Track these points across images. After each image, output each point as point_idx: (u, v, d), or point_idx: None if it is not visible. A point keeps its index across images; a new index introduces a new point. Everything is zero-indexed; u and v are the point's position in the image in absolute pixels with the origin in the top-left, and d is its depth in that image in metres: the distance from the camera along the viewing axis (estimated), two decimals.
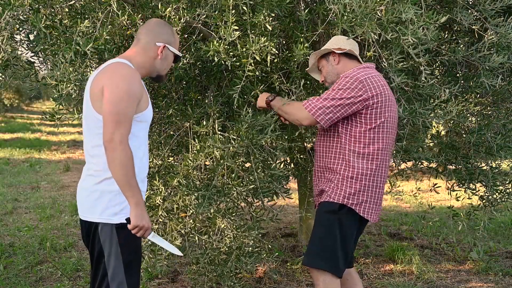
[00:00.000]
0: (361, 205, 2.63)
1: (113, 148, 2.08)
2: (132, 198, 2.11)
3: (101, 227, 2.19)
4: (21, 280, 3.93)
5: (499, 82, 3.06)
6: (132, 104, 2.14)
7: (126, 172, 2.08)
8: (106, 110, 2.11)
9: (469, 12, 2.94)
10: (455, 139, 3.74)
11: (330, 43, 2.76)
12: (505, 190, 3.70)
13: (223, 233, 3.21)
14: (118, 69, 2.18)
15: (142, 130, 2.27)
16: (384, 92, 2.59)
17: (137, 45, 2.31)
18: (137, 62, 2.29)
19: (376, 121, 2.58)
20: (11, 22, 2.76)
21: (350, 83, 2.55)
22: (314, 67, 2.86)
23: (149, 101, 2.28)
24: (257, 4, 2.68)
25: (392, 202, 7.29)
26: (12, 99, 20.89)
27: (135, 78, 2.17)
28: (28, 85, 3.22)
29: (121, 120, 2.10)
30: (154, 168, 3.30)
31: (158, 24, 2.35)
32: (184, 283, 3.90)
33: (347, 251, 2.67)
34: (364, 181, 2.61)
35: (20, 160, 10.36)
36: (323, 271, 2.64)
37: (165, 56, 2.33)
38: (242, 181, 2.88)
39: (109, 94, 2.11)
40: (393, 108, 2.66)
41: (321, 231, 2.67)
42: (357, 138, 2.60)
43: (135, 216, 2.12)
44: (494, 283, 4.03)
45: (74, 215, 5.96)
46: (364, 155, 2.60)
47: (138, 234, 2.15)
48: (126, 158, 2.08)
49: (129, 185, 2.10)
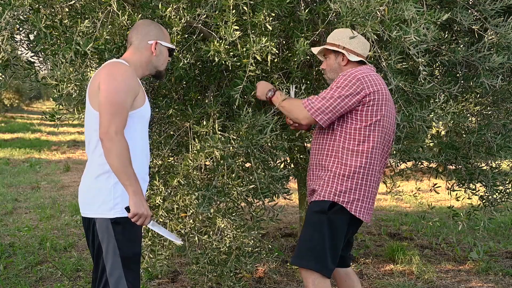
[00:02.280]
0: (353, 204, 2.61)
1: (109, 139, 2.11)
2: (130, 186, 2.13)
3: (98, 223, 2.22)
4: (21, 280, 3.93)
5: (499, 82, 3.06)
6: (128, 96, 2.18)
7: (123, 162, 2.11)
8: (102, 101, 2.16)
9: (469, 12, 2.93)
10: (455, 139, 3.74)
11: (347, 40, 2.67)
12: (505, 190, 3.70)
13: (223, 233, 3.21)
14: (114, 66, 2.25)
15: (141, 128, 2.29)
16: (381, 90, 2.60)
17: (131, 47, 2.38)
18: (134, 62, 2.34)
19: (371, 119, 2.58)
20: (11, 22, 2.76)
21: (348, 80, 2.57)
22: (321, 51, 2.80)
23: (146, 98, 2.32)
24: (257, 4, 2.68)
25: (392, 202, 7.29)
26: (12, 99, 20.89)
27: (131, 73, 2.24)
28: (28, 85, 3.22)
29: (117, 111, 2.14)
30: (154, 168, 3.30)
31: (144, 24, 2.42)
32: (184, 283, 3.90)
33: (337, 251, 2.65)
34: (356, 179, 2.60)
35: (20, 160, 10.36)
36: (312, 271, 2.62)
37: (159, 51, 2.40)
38: (242, 181, 2.88)
39: (106, 86, 2.17)
40: (390, 108, 2.66)
41: (310, 231, 2.66)
42: (351, 135, 2.60)
43: (134, 204, 2.13)
44: (494, 283, 4.03)
45: (74, 215, 5.96)
46: (358, 153, 2.59)
47: (138, 222, 2.17)
48: (122, 148, 2.12)
49: (127, 174, 2.12)
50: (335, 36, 2.71)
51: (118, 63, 2.28)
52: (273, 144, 2.96)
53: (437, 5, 3.06)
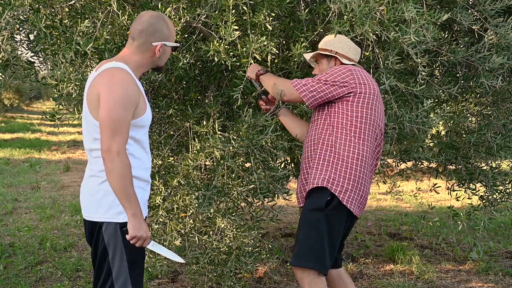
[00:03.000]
0: (345, 194, 2.58)
1: (110, 159, 2.07)
2: (129, 209, 2.11)
3: (105, 226, 2.20)
4: (21, 280, 3.93)
5: (499, 83, 3.07)
6: (128, 111, 2.12)
7: (124, 183, 2.08)
8: (102, 118, 2.10)
9: (469, 12, 2.94)
10: (455, 139, 3.74)
11: (339, 46, 2.73)
12: (505, 190, 3.70)
13: (223, 233, 3.21)
14: (114, 76, 2.14)
15: (143, 134, 2.27)
16: (372, 85, 2.64)
17: (132, 45, 2.24)
18: (135, 63, 2.24)
19: (362, 111, 2.60)
20: (11, 22, 2.76)
21: (340, 70, 2.62)
22: (313, 56, 2.83)
23: (147, 105, 2.25)
24: (257, 4, 2.68)
25: (392, 202, 7.29)
26: (12, 99, 20.88)
27: (131, 84, 2.14)
28: (28, 85, 3.22)
29: (118, 128, 2.08)
30: (154, 168, 3.30)
31: (152, 21, 2.22)
32: (184, 283, 3.90)
33: (335, 249, 2.64)
34: (349, 168, 2.59)
35: (20, 160, 10.36)
36: (309, 271, 2.60)
37: (163, 52, 2.27)
38: (242, 181, 2.88)
39: (105, 102, 2.10)
40: (380, 105, 2.69)
41: (307, 229, 2.63)
42: (343, 125, 2.61)
43: (132, 227, 2.12)
44: (494, 283, 4.03)
45: (74, 215, 5.96)
46: (351, 143, 2.60)
47: (137, 245, 2.16)
48: (124, 169, 2.08)
49: (126, 196, 2.10)
50: (327, 42, 2.76)
51: (117, 71, 2.16)
52: (273, 144, 2.96)
53: (437, 5, 3.06)
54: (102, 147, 2.10)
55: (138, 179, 2.22)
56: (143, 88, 2.32)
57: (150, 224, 3.33)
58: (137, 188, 2.21)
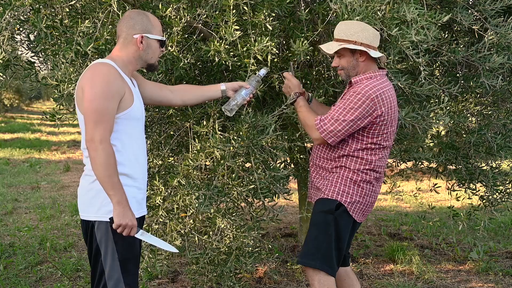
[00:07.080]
0: (354, 205, 2.65)
1: (94, 148, 2.10)
2: (114, 196, 2.12)
3: (97, 225, 2.21)
4: (21, 280, 3.94)
5: (499, 82, 3.07)
6: (111, 101, 2.13)
7: (107, 171, 2.10)
8: (85, 109, 2.14)
9: (469, 12, 2.94)
10: (455, 139, 3.74)
11: (363, 35, 2.52)
12: (505, 190, 3.70)
13: (223, 233, 3.21)
14: (96, 69, 2.18)
15: (133, 128, 2.26)
16: (392, 107, 2.59)
17: (119, 42, 2.30)
18: (122, 59, 2.28)
19: (379, 133, 2.60)
20: (11, 22, 2.76)
21: (361, 101, 2.51)
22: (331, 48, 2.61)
23: (135, 97, 2.26)
24: (257, 4, 2.68)
25: (392, 202, 7.29)
26: (12, 99, 20.87)
27: (113, 76, 2.17)
28: (28, 85, 3.22)
29: (100, 118, 2.11)
30: (154, 168, 3.30)
31: (131, 15, 2.30)
32: (184, 283, 3.90)
33: (342, 250, 2.69)
34: (362, 184, 2.64)
35: (20, 160, 10.36)
36: (318, 271, 2.65)
37: (146, 45, 2.29)
38: (242, 181, 2.88)
39: (87, 93, 2.13)
40: (396, 119, 2.67)
41: (317, 231, 2.68)
42: (360, 144, 2.61)
43: (117, 215, 2.13)
44: (494, 283, 4.03)
45: (74, 215, 5.96)
46: (367, 162, 2.63)
47: (123, 233, 2.16)
48: (107, 157, 2.10)
49: (111, 184, 2.11)
50: (347, 32, 2.53)
51: (100, 65, 2.20)
52: (273, 144, 2.97)
53: (437, 5, 3.06)
54: (86, 137, 2.13)
55: (130, 176, 2.23)
56: (132, 83, 2.31)
57: (150, 224, 3.33)
58: (132, 187, 2.23)
